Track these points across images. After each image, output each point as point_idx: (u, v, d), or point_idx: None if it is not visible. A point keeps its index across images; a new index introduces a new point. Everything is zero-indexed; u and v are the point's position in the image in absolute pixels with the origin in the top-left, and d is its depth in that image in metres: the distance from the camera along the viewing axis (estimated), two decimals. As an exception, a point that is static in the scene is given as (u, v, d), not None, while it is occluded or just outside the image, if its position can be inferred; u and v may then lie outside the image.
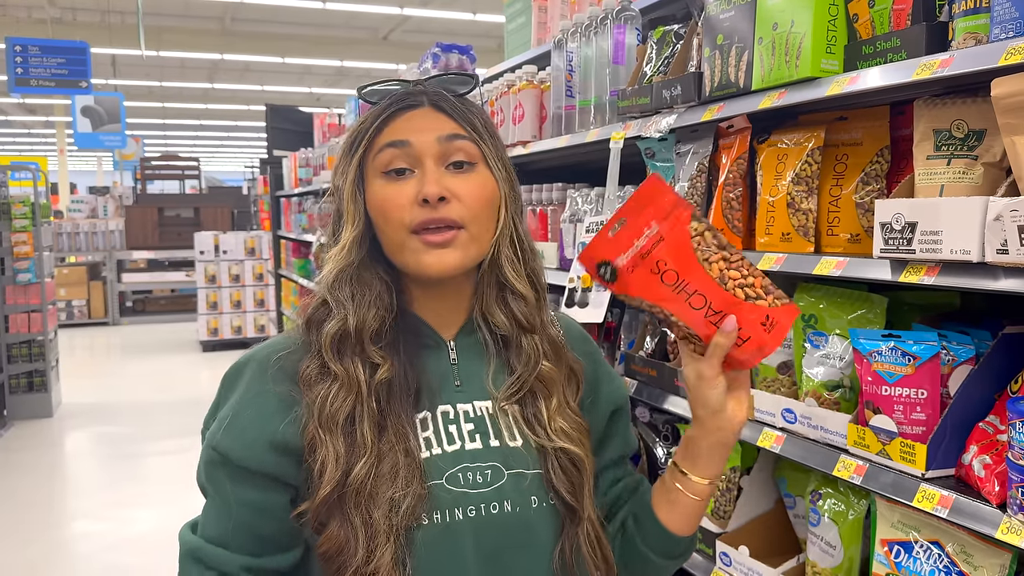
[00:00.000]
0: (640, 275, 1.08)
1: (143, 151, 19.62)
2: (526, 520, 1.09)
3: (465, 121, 1.12)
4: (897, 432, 1.42)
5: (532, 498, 1.10)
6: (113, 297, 13.17)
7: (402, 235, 1.08)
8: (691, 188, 1.98)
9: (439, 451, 1.09)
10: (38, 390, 7.30)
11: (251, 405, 1.09)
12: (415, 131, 1.09)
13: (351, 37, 14.97)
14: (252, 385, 1.10)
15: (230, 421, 1.08)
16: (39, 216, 7.26)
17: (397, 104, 1.12)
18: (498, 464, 1.10)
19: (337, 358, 1.08)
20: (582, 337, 1.30)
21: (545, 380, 1.14)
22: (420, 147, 1.09)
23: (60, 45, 11.55)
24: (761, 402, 1.74)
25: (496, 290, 1.15)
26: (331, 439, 1.04)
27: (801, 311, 1.71)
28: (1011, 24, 1.24)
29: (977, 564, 1.36)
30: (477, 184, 1.10)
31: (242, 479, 1.07)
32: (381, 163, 1.10)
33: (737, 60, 1.77)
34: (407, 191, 1.08)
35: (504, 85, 3.02)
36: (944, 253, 1.30)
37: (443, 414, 1.11)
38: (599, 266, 1.11)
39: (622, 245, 1.09)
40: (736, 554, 1.82)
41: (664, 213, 1.07)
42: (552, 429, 1.12)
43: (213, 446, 1.09)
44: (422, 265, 1.08)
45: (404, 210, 1.07)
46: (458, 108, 1.13)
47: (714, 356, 1.05)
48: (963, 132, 1.39)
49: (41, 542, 4.63)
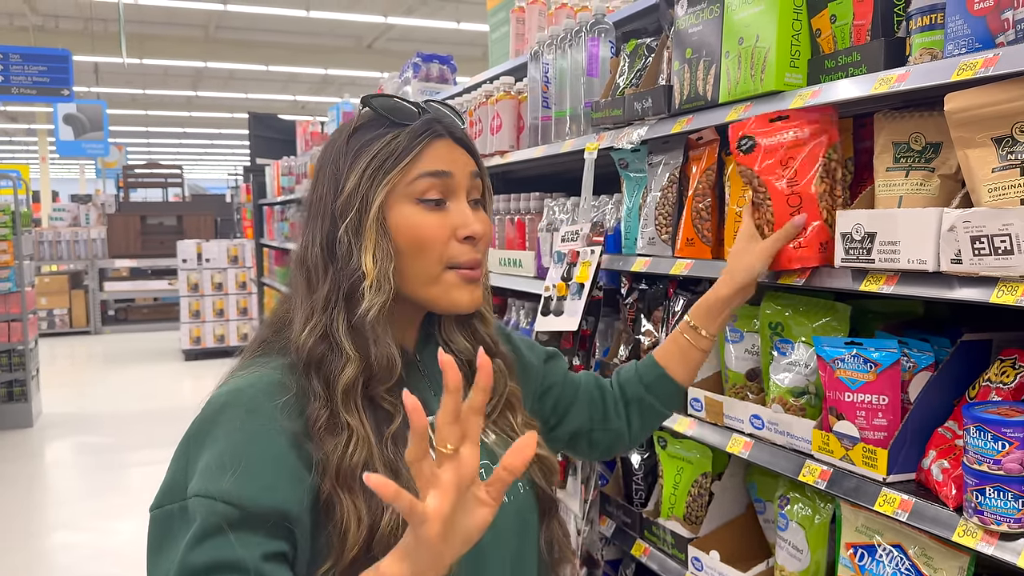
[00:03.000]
0: (771, 159, 1.51)
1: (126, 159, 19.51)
2: (518, 506, 1.15)
3: (477, 159, 1.13)
4: (859, 437, 1.45)
5: (519, 485, 1.16)
6: (95, 306, 13.09)
7: (437, 269, 1.07)
8: (663, 198, 2.01)
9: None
10: (18, 400, 7.25)
11: (257, 446, 0.96)
12: (452, 162, 1.08)
13: (335, 45, 14.98)
14: (247, 425, 0.97)
15: (233, 465, 0.93)
16: (19, 224, 7.22)
17: (432, 132, 1.08)
18: (487, 462, 1.10)
19: (348, 408, 1.00)
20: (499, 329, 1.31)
21: (512, 396, 1.19)
22: (459, 180, 1.08)
23: (42, 53, 11.50)
24: (730, 409, 1.77)
25: (457, 316, 1.16)
26: (351, 498, 0.96)
27: (769, 318, 1.75)
28: (964, 41, 1.28)
29: (937, 567, 1.39)
30: (488, 222, 1.12)
31: (253, 525, 0.92)
32: (417, 190, 1.06)
33: (705, 73, 1.80)
34: (447, 223, 1.07)
35: (482, 95, 3.05)
36: (902, 263, 1.33)
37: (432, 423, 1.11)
38: (743, 138, 1.55)
39: (773, 132, 1.52)
40: (707, 559, 1.84)
41: (819, 130, 1.50)
42: None
43: (215, 496, 0.92)
44: (455, 300, 1.08)
45: (444, 244, 1.06)
46: (472, 144, 1.14)
47: (780, 239, 1.47)
48: (921, 145, 1.42)
49: (21, 553, 4.60)
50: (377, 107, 1.09)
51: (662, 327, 2.07)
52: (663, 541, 1.99)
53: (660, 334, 2.07)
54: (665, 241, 2.00)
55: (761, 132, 1.54)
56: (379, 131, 1.08)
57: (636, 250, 2.12)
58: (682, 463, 2.00)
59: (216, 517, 0.91)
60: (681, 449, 2.01)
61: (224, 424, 0.98)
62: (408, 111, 1.09)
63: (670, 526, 1.97)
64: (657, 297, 2.13)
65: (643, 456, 2.16)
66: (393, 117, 1.08)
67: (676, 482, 2.00)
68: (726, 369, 1.86)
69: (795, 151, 1.52)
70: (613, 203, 2.35)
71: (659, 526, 2.00)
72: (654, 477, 2.14)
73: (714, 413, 1.81)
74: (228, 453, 0.95)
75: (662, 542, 2.00)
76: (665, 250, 2.00)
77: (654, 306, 2.13)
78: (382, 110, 1.09)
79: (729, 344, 1.86)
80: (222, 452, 0.95)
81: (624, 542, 2.14)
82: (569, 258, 2.23)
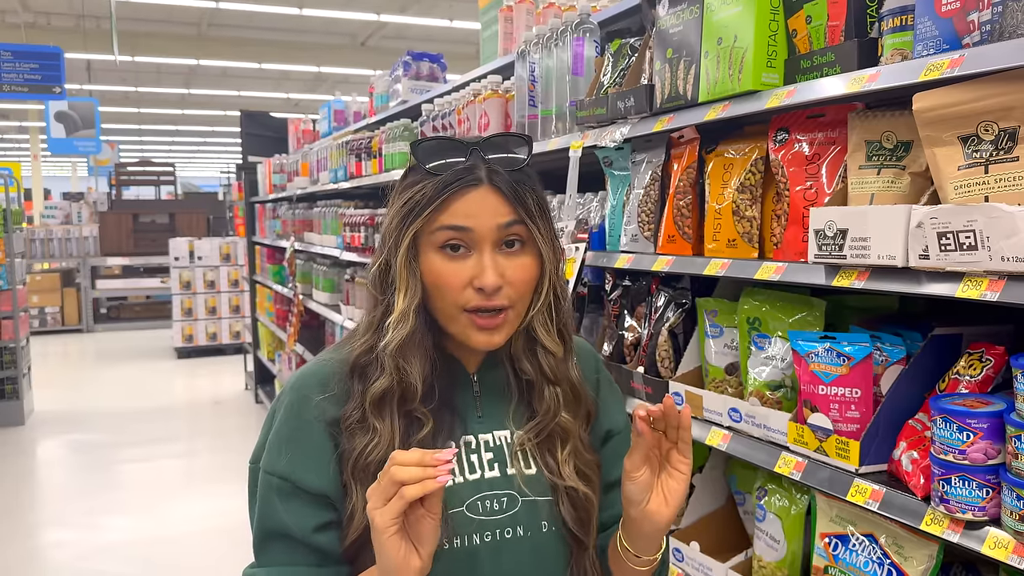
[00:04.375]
0: (799, 147, 1.63)
1: (118, 157, 19.48)
2: (537, 544, 1.17)
3: (521, 205, 1.13)
4: (833, 430, 1.49)
5: (543, 523, 1.18)
6: (87, 304, 13.08)
7: (455, 311, 1.13)
8: (645, 196, 2.05)
9: (461, 480, 1.16)
10: (10, 398, 7.26)
11: (302, 435, 1.14)
12: (475, 216, 1.10)
13: (329, 43, 14.97)
14: (302, 413, 1.15)
15: (286, 448, 1.13)
16: (11, 222, 7.22)
17: (460, 183, 1.11)
18: (513, 492, 1.17)
19: (378, 415, 1.13)
20: (594, 364, 1.35)
21: (563, 426, 1.20)
22: (480, 233, 1.10)
23: (33, 50, 11.46)
24: (709, 402, 1.81)
25: (525, 341, 1.20)
26: (361, 489, 1.09)
27: (747, 313, 1.78)
28: (932, 42, 1.31)
29: (907, 555, 1.43)
30: (525, 266, 1.13)
31: (303, 500, 1.12)
32: (438, 240, 1.11)
33: (685, 73, 1.84)
34: (463, 273, 1.11)
35: (471, 94, 3.08)
36: (872, 258, 1.37)
37: (465, 443, 1.18)
38: (779, 130, 1.68)
39: (811, 128, 1.62)
40: (688, 550, 1.88)
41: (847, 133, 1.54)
42: (565, 472, 1.18)
43: (274, 472, 1.13)
44: (471, 341, 1.14)
45: (459, 291, 1.11)
46: (515, 190, 1.13)
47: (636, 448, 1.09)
48: (892, 143, 1.46)
49: (13, 550, 4.61)
50: (416, 154, 1.13)
51: (644, 323, 2.10)
52: (645, 533, 2.02)
53: (642, 330, 2.10)
54: (647, 238, 2.04)
55: (796, 127, 1.66)
56: (419, 175, 1.14)
57: (620, 247, 2.15)
58: (664, 456, 2.03)
59: (274, 490, 1.12)
60: (663, 443, 2.04)
61: (286, 404, 1.17)
62: (442, 164, 1.12)
63: (652, 518, 2.00)
64: (640, 293, 2.16)
65: (626, 450, 2.19)
66: (426, 166, 1.12)
67: (658, 475, 2.03)
68: (706, 364, 1.89)
69: (827, 149, 1.60)
70: (598, 201, 2.39)
71: (641, 518, 2.03)
72: (637, 470, 2.17)
73: (694, 406, 1.84)
74: (283, 436, 1.15)
75: (644, 534, 2.02)
76: (648, 247, 2.03)
77: (637, 302, 2.16)
78: (421, 160, 1.13)
79: (709, 339, 1.89)
80: (279, 433, 1.15)
81: (608, 535, 2.17)
82: (554, 255, 2.26)
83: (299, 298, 5.97)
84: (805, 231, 1.57)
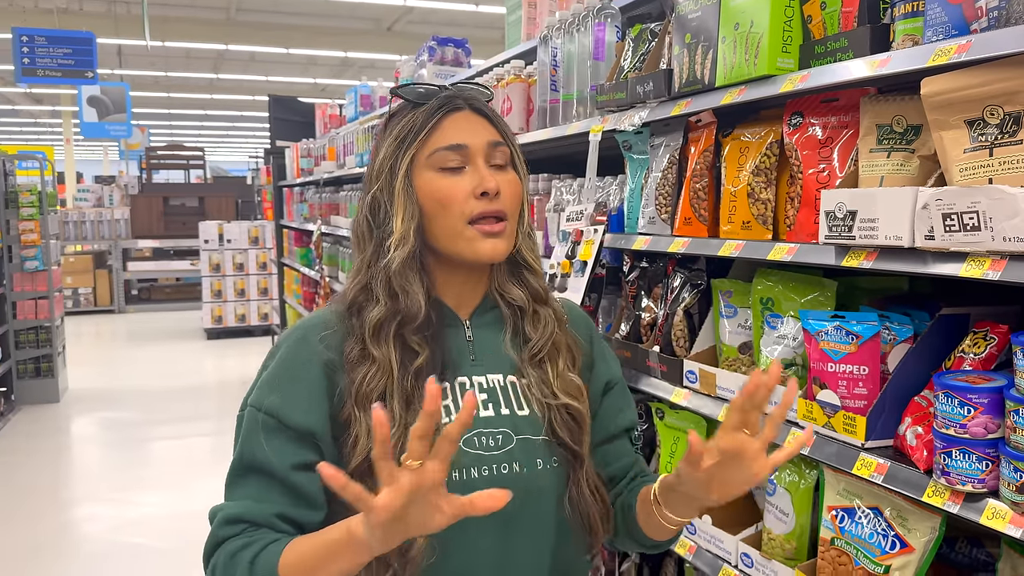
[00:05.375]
0: (813, 131, 1.66)
1: (148, 141, 19.74)
2: (532, 478, 1.22)
3: (500, 127, 1.26)
4: (840, 406, 1.53)
5: (538, 460, 1.23)
6: (119, 285, 13.31)
7: (460, 225, 1.20)
8: (663, 179, 2.09)
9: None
10: (45, 375, 7.44)
11: (298, 372, 1.18)
12: (467, 134, 1.22)
13: (355, 28, 15.04)
14: (299, 353, 1.20)
15: (278, 386, 1.18)
16: (46, 205, 7.39)
17: (446, 107, 1.23)
18: (508, 430, 1.22)
19: (376, 343, 1.19)
20: (583, 319, 1.42)
21: (556, 345, 1.28)
22: (474, 149, 1.22)
23: (66, 35, 11.64)
24: (723, 380, 1.85)
25: (511, 269, 1.30)
26: (364, 416, 1.15)
27: (761, 294, 1.82)
28: (941, 27, 1.35)
29: (911, 527, 1.47)
30: (513, 182, 1.25)
31: (287, 437, 1.15)
32: (436, 161, 1.21)
33: (703, 58, 1.87)
34: (464, 185, 1.20)
35: (494, 79, 3.13)
36: (880, 239, 1.40)
37: (460, 385, 1.24)
38: (794, 114, 1.71)
39: (824, 112, 1.66)
40: (700, 523, 1.93)
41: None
42: (557, 388, 1.25)
43: (261, 408, 1.17)
44: (478, 252, 1.21)
45: (463, 202, 1.20)
46: (494, 113, 1.27)
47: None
48: (903, 127, 1.49)
49: (48, 523, 4.76)
50: (402, 94, 1.26)
51: (661, 303, 2.15)
52: (660, 508, 2.08)
53: (659, 310, 2.15)
54: (664, 220, 2.08)
55: (810, 111, 1.70)
56: (405, 113, 1.25)
57: (637, 229, 2.19)
58: (678, 433, 2.08)
59: (259, 425, 1.16)
60: (677, 420, 2.09)
61: (283, 347, 1.22)
62: (426, 93, 1.25)
63: (666, 493, 2.06)
64: (657, 275, 2.20)
65: (643, 428, 2.24)
66: (414, 100, 1.25)
67: (672, 451, 2.09)
68: (720, 343, 1.94)
69: (839, 133, 1.64)
70: (617, 184, 2.43)
71: (656, 493, 2.09)
72: (652, 447, 2.22)
73: (707, 384, 1.89)
74: (277, 375, 1.19)
75: (659, 509, 2.08)
76: (664, 229, 2.08)
77: (654, 283, 2.20)
78: (406, 96, 1.26)
79: (723, 319, 1.94)
80: (272, 372, 1.20)
81: (623, 509, 2.23)
82: (573, 237, 2.31)
83: (326, 280, 6.07)
84: (817, 213, 1.60)
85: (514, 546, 1.21)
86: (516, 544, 1.21)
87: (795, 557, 1.73)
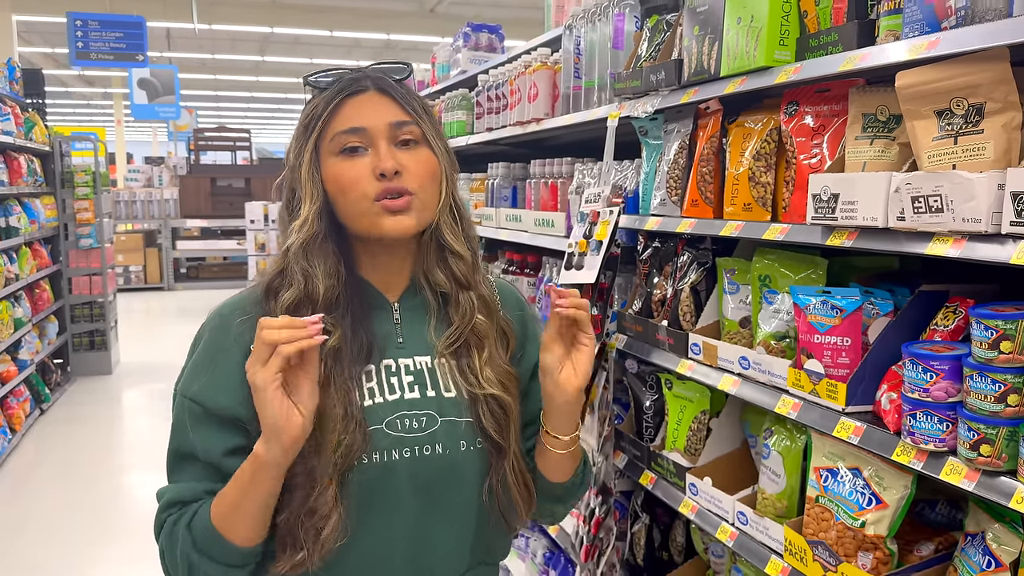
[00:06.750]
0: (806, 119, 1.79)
1: (196, 122, 20.18)
2: (454, 461, 1.24)
3: (408, 105, 1.25)
4: (824, 374, 1.66)
5: (461, 442, 1.25)
6: (168, 263, 13.73)
7: (363, 204, 1.20)
8: (673, 163, 2.21)
9: (380, 400, 1.23)
10: (99, 348, 7.80)
11: (219, 358, 1.21)
12: (367, 117, 1.22)
13: (398, 10, 15.19)
14: (219, 341, 1.22)
15: (201, 373, 1.21)
16: (99, 184, 7.70)
17: (347, 90, 1.24)
18: (433, 412, 1.24)
19: None
20: (517, 302, 1.44)
21: (479, 332, 1.29)
22: (374, 131, 1.22)
23: (118, 19, 12.00)
24: (723, 351, 1.99)
25: (436, 253, 1.29)
26: None
27: (759, 271, 1.95)
28: (917, 24, 1.46)
29: (886, 485, 1.60)
30: (422, 159, 1.24)
31: (214, 423, 1.19)
32: (337, 145, 1.22)
33: (710, 49, 1.99)
34: (363, 166, 1.21)
35: (521, 66, 3.26)
36: (859, 220, 1.53)
37: (386, 367, 1.25)
38: (790, 103, 1.83)
39: (817, 101, 1.78)
40: (701, 484, 2.07)
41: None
42: (483, 377, 1.26)
43: (187, 395, 1.21)
44: (382, 228, 1.21)
45: (363, 183, 1.20)
46: (400, 92, 1.26)
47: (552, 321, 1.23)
48: (885, 116, 1.60)
49: (103, 488, 5.06)
50: (308, 81, 1.29)
51: (670, 281, 2.28)
52: (666, 471, 2.23)
53: (668, 288, 2.28)
54: (674, 202, 2.21)
55: (805, 100, 1.81)
56: (313, 100, 1.27)
57: (650, 211, 2.32)
58: (684, 402, 2.22)
59: (186, 413, 1.20)
60: (683, 390, 2.23)
61: (206, 333, 1.26)
62: (326, 80, 1.27)
63: (672, 457, 2.21)
64: (668, 254, 2.34)
65: (653, 398, 2.39)
66: (316, 86, 1.28)
67: (679, 419, 2.23)
68: (723, 318, 2.07)
69: (831, 120, 1.75)
70: (634, 167, 2.56)
71: (663, 457, 2.23)
72: (661, 416, 2.36)
73: (710, 356, 2.03)
74: (201, 362, 1.23)
75: (665, 471, 2.23)
76: (674, 210, 2.21)
77: (665, 262, 2.34)
78: (311, 83, 1.29)
79: (727, 295, 2.07)
80: (197, 359, 1.24)
81: (634, 473, 2.38)
82: (591, 218, 2.45)
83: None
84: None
85: (432, 528, 1.24)
86: (435, 526, 1.24)
87: (785, 515, 1.87)
